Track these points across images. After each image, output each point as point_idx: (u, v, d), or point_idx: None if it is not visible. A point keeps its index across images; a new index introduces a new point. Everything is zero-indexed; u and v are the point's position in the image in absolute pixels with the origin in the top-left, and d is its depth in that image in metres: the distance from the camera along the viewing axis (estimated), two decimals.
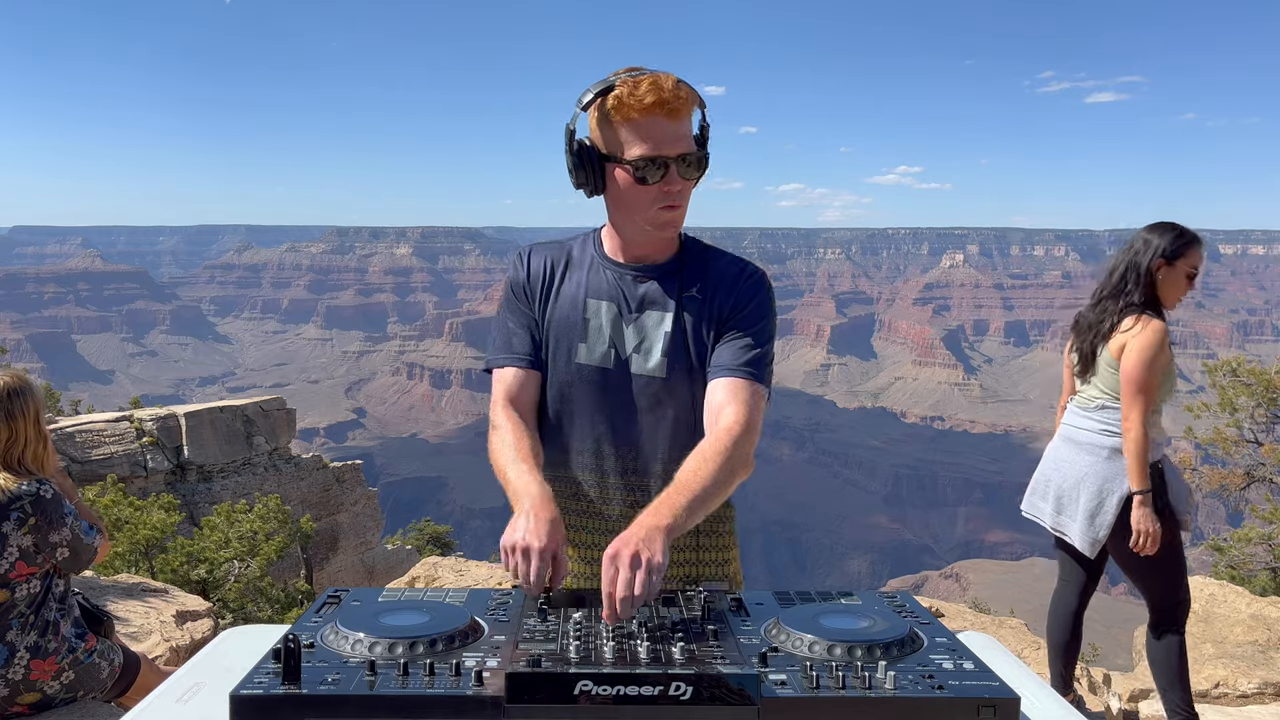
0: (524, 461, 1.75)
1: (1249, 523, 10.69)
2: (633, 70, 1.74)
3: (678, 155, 1.73)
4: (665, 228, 1.81)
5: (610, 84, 1.72)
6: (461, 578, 7.93)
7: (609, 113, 1.73)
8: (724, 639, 1.36)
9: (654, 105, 1.69)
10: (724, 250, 1.93)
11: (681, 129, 1.73)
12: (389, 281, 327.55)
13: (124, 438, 13.80)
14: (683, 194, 1.78)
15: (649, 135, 1.71)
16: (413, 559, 16.30)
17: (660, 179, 1.74)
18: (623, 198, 1.79)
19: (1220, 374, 10.99)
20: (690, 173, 1.76)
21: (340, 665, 1.26)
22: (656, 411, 1.86)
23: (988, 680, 1.25)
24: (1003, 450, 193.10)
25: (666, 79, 1.71)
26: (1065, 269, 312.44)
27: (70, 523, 2.95)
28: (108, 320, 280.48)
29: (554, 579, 1.55)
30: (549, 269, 1.93)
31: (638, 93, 1.69)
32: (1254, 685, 5.02)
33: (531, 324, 1.91)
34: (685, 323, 1.85)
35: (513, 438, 1.80)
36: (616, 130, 1.74)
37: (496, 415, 1.87)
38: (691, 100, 1.73)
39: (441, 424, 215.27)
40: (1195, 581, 7.00)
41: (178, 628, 5.60)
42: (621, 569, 1.41)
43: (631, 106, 1.70)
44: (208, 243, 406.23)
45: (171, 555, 8.81)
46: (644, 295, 1.87)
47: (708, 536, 1.96)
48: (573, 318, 1.88)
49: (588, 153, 1.77)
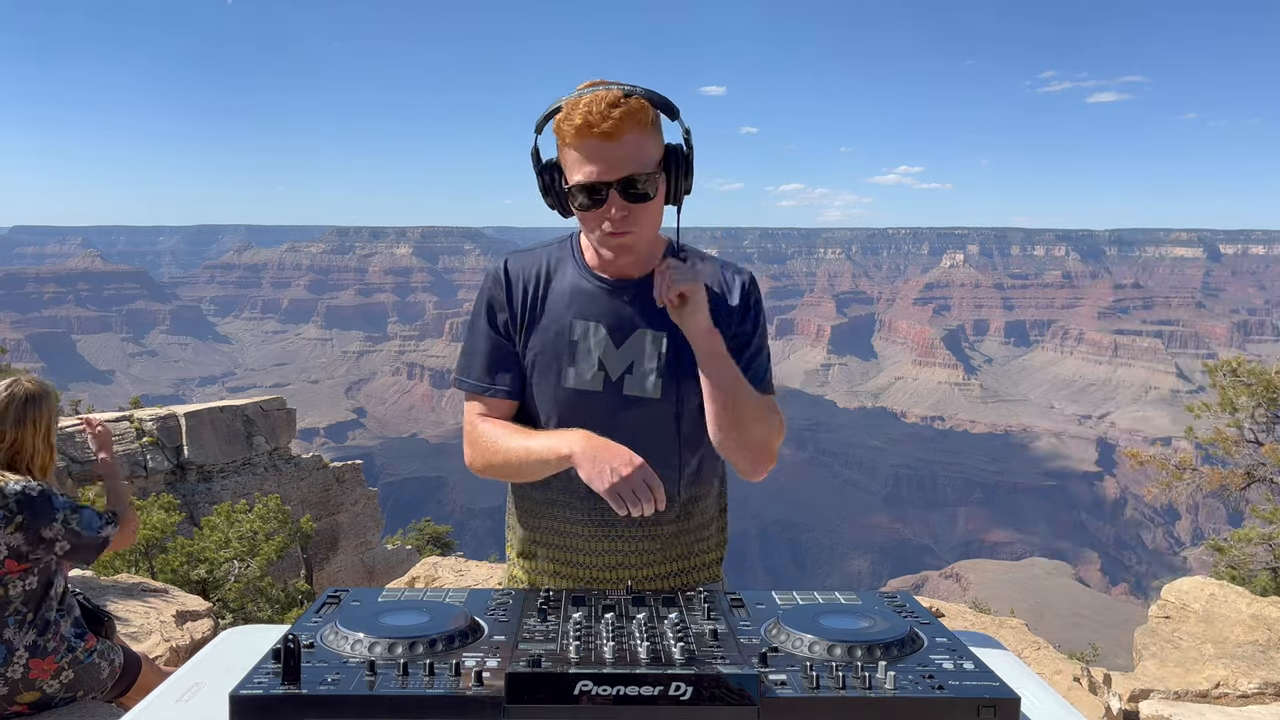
0: (530, 431, 1.77)
1: (1249, 523, 10.69)
2: (595, 84, 1.66)
3: (617, 180, 1.65)
4: (617, 253, 1.74)
5: (558, 105, 1.67)
6: (461, 578, 7.94)
7: (557, 136, 1.68)
8: (724, 639, 1.36)
9: (581, 128, 1.62)
10: (705, 253, 1.90)
11: (621, 151, 1.63)
12: (389, 281, 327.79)
13: (124, 438, 13.81)
14: (631, 219, 1.68)
15: (584, 160, 1.65)
16: (413, 559, 16.32)
17: (595, 205, 1.67)
18: (580, 220, 1.74)
19: (1220, 374, 11.00)
20: (638, 197, 1.67)
21: (340, 665, 1.26)
22: (649, 432, 1.81)
23: (988, 680, 1.25)
24: (1003, 450, 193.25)
25: (603, 99, 1.61)
26: (1065, 269, 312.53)
27: (63, 516, 2.95)
28: (108, 320, 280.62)
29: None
30: (530, 285, 1.84)
31: (571, 116, 1.63)
32: (1254, 685, 5.02)
33: (510, 348, 1.85)
34: (677, 344, 1.80)
35: (502, 425, 1.83)
36: (563, 153, 1.70)
37: (476, 425, 1.86)
38: (638, 118, 1.63)
39: (441, 424, 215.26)
40: (1195, 581, 7.00)
41: (178, 628, 5.61)
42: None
43: (566, 131, 1.64)
44: (208, 243, 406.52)
45: (171, 555, 8.82)
46: (633, 314, 1.81)
47: (699, 541, 1.94)
48: (560, 340, 1.81)
49: (548, 175, 1.73)
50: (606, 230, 1.70)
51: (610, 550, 1.88)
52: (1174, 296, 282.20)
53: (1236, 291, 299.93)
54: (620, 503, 1.58)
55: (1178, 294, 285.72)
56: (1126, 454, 12.96)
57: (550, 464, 1.71)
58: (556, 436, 1.71)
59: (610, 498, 1.59)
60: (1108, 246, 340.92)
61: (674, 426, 1.84)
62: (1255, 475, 10.68)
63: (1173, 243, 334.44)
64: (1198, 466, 11.43)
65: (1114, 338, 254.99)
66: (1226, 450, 10.88)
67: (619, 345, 1.81)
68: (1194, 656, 5.74)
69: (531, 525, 1.93)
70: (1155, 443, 31.63)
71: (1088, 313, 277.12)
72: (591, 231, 1.74)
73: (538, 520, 1.92)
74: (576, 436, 1.67)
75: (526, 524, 1.94)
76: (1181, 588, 6.88)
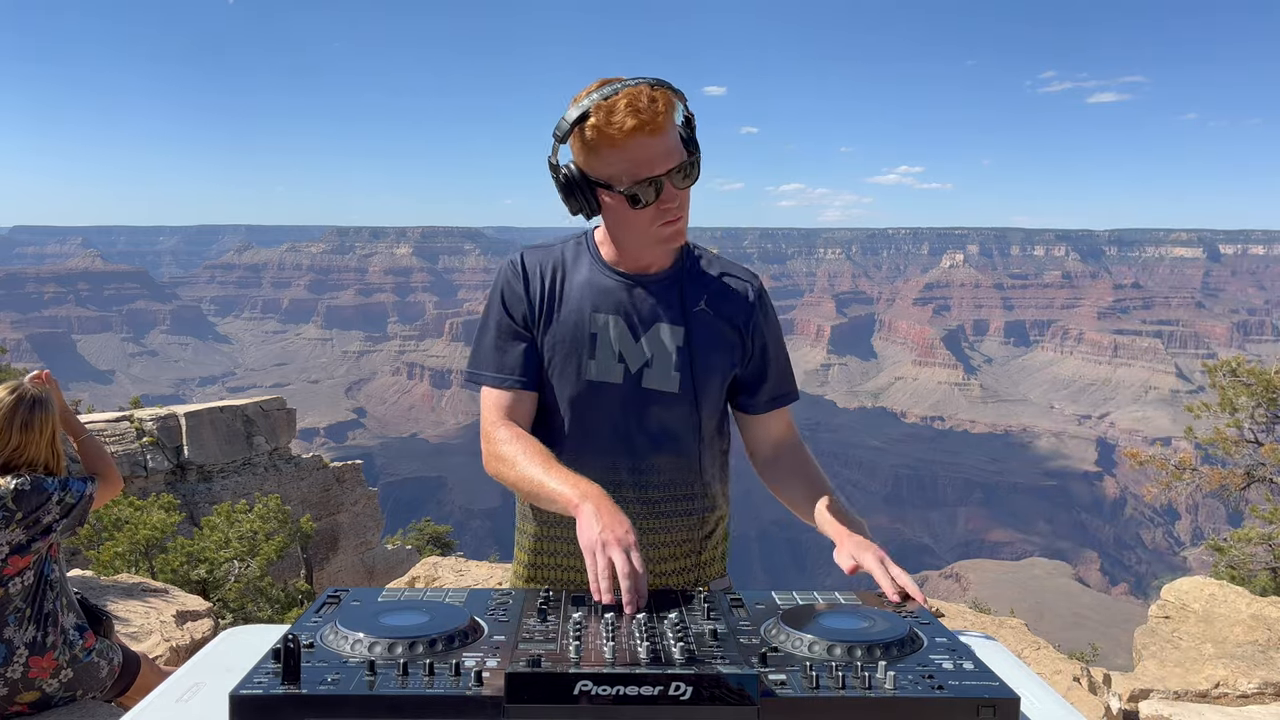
0: (550, 463, 1.69)
1: (1249, 523, 10.69)
2: (606, 84, 1.66)
3: (668, 170, 1.67)
4: (671, 240, 1.77)
5: (585, 111, 1.65)
6: (461, 578, 7.94)
7: (590, 142, 1.67)
8: (724, 639, 1.36)
9: (635, 129, 1.62)
10: (716, 255, 1.92)
11: (668, 143, 1.66)
12: (389, 281, 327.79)
13: (124, 438, 13.81)
14: (681, 205, 1.73)
15: (636, 159, 1.65)
16: (413, 559, 16.32)
17: (655, 198, 1.69)
18: (621, 220, 1.74)
19: (1220, 374, 11.00)
20: (685, 182, 1.71)
21: (340, 665, 1.26)
22: (669, 425, 1.85)
23: (988, 680, 1.25)
24: (1003, 450, 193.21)
25: (640, 95, 1.62)
26: (1065, 269, 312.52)
27: (56, 496, 2.99)
28: (108, 320, 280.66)
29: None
30: (547, 278, 1.84)
31: (615, 119, 1.62)
32: (1254, 685, 5.02)
33: (527, 340, 1.84)
34: (696, 338, 1.84)
35: (526, 444, 1.75)
36: (602, 157, 1.67)
37: (496, 429, 1.80)
38: (670, 107, 1.66)
39: (441, 424, 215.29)
40: (1195, 581, 7.00)
41: (178, 628, 5.61)
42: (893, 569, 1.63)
43: (612, 135, 1.63)
44: (208, 243, 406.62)
45: (171, 555, 8.82)
46: (651, 308, 1.83)
47: (707, 538, 1.95)
48: (580, 332, 1.81)
49: (576, 182, 1.72)
50: (661, 223, 1.72)
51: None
52: (1174, 296, 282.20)
53: (1236, 291, 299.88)
54: (595, 587, 1.48)
55: (1177, 294, 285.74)
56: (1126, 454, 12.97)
57: (557, 506, 1.66)
58: (571, 484, 1.63)
59: (590, 574, 1.51)
60: (1108, 246, 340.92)
61: (691, 421, 1.86)
62: (1255, 475, 10.68)
63: (1172, 243, 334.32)
64: (1197, 466, 11.43)
65: (1114, 338, 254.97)
66: (1226, 450, 10.88)
67: (638, 339, 1.82)
68: (1194, 656, 5.73)
69: (542, 525, 1.93)
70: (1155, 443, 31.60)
71: (1088, 313, 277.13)
72: (637, 230, 1.74)
73: (549, 521, 1.92)
74: (590, 493, 1.60)
75: (538, 523, 1.94)
76: (1181, 588, 6.88)
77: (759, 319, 1.91)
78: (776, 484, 1.93)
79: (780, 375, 1.95)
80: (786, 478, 1.92)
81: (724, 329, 1.86)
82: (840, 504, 1.84)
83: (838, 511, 1.81)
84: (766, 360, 1.93)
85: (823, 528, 1.81)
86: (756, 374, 1.92)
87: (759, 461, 1.97)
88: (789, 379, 1.97)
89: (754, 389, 1.93)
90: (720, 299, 1.87)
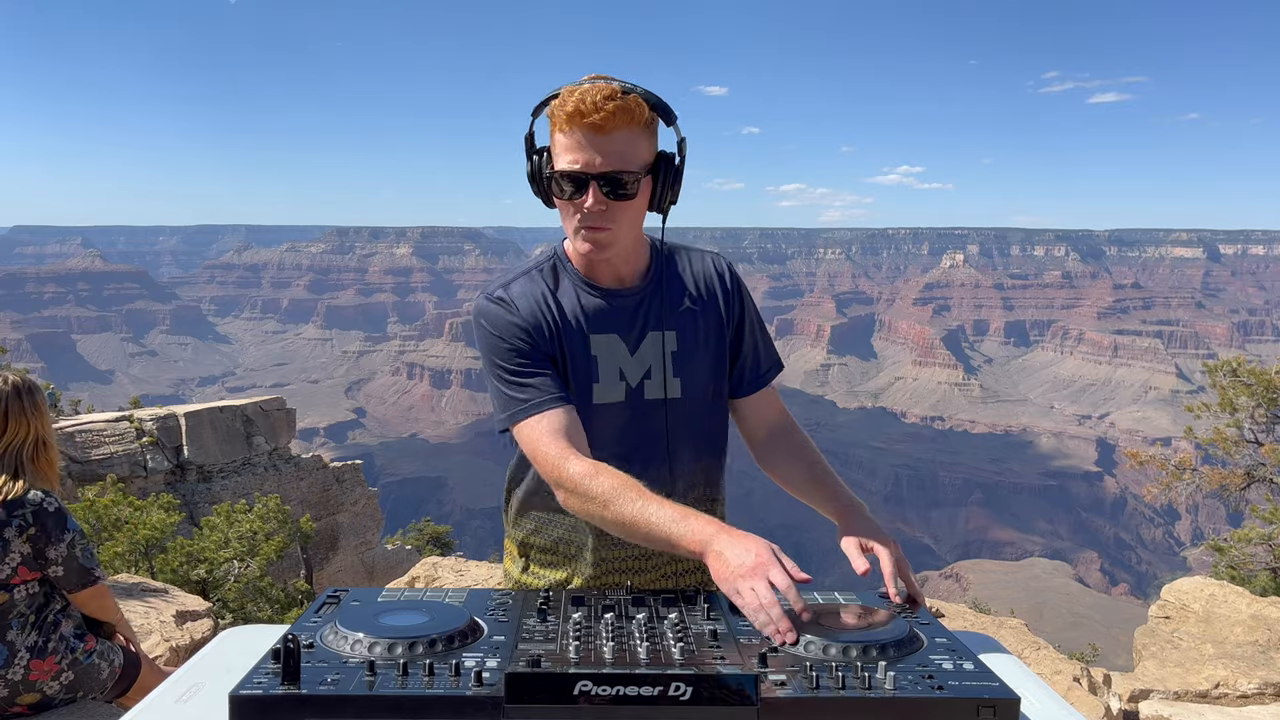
0: (648, 499, 1.56)
1: (1249, 523, 10.69)
2: (595, 78, 1.64)
3: (600, 173, 1.62)
4: (589, 251, 1.70)
5: (556, 92, 1.64)
6: (461, 578, 7.93)
7: (551, 122, 1.66)
8: (724, 639, 1.36)
9: (573, 115, 1.59)
10: (681, 245, 1.91)
11: (611, 146, 1.61)
12: (389, 281, 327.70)
13: (124, 438, 13.80)
14: (609, 216, 1.65)
15: (571, 148, 1.62)
16: (413, 559, 16.31)
17: (572, 196, 1.65)
18: (560, 211, 1.72)
19: (1220, 374, 11.00)
20: (616, 196, 1.63)
21: (340, 665, 1.26)
22: (677, 432, 1.85)
23: (988, 680, 1.25)
24: (1003, 450, 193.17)
25: (599, 90, 1.59)
26: (1065, 269, 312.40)
27: (70, 539, 2.94)
28: (108, 320, 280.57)
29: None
30: (539, 308, 1.77)
31: (565, 103, 1.60)
32: (1254, 685, 5.02)
33: (545, 361, 1.74)
34: (687, 340, 1.84)
35: (613, 479, 1.60)
36: (554, 140, 1.66)
37: (567, 463, 1.63)
38: (631, 116, 1.61)
39: (441, 424, 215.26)
40: (1195, 582, 7.00)
41: (178, 628, 5.60)
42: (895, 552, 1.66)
43: (558, 117, 1.62)
44: (208, 243, 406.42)
45: (171, 555, 8.81)
46: (639, 319, 1.81)
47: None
48: (582, 358, 1.78)
49: (537, 159, 1.71)
50: (582, 226, 1.67)
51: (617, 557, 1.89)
52: (1174, 296, 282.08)
53: (1236, 291, 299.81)
54: (771, 630, 1.36)
55: (1177, 294, 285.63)
56: (1126, 454, 12.96)
57: (677, 549, 1.53)
58: (682, 521, 1.51)
59: (749, 616, 1.39)
60: (1108, 246, 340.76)
61: (695, 425, 1.87)
62: (1255, 475, 10.68)
63: (1172, 243, 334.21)
64: (1198, 466, 11.43)
65: (1114, 338, 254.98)
66: (1226, 450, 10.88)
67: (634, 352, 1.82)
68: (1194, 657, 5.73)
69: (534, 528, 1.93)
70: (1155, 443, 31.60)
71: (1088, 313, 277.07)
72: (569, 222, 1.71)
73: (541, 524, 1.92)
74: (708, 531, 1.49)
75: (528, 527, 1.94)
76: (1181, 588, 6.87)
77: (736, 302, 1.91)
78: (774, 467, 1.92)
79: (764, 349, 1.96)
80: (784, 459, 1.91)
81: (711, 323, 1.87)
82: (839, 483, 1.83)
83: (836, 491, 1.80)
84: (748, 337, 1.93)
85: (821, 507, 1.81)
86: (742, 353, 1.93)
87: (755, 446, 1.97)
88: (771, 350, 1.97)
89: (741, 369, 1.94)
90: (701, 294, 1.87)
